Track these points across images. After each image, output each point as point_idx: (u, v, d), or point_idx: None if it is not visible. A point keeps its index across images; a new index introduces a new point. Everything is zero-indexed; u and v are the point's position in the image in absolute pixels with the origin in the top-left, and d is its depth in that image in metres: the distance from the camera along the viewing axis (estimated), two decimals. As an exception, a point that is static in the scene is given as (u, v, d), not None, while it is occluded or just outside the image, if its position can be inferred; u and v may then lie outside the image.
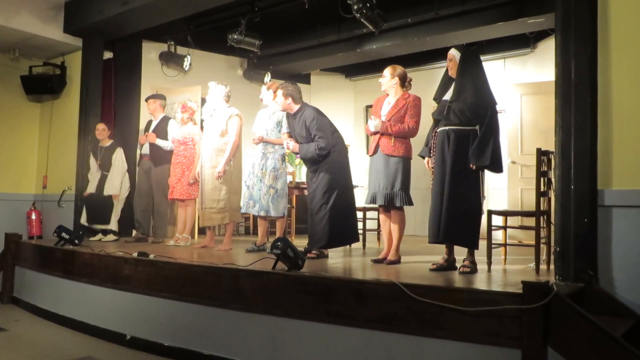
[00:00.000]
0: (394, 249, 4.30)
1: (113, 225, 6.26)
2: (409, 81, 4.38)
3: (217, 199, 5.30)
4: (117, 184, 6.25)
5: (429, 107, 4.37)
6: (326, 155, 4.55)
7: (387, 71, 4.36)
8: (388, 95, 4.39)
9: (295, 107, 4.70)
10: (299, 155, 4.86)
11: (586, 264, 3.30)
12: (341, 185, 4.58)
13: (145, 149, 6.18)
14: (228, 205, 5.31)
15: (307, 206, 4.74)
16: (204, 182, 5.36)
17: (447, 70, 3.99)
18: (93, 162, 6.40)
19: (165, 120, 6.18)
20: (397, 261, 4.27)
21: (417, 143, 4.28)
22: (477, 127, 3.74)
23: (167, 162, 6.02)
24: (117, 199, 6.25)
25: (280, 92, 4.69)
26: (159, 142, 6.05)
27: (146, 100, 6.35)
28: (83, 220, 6.35)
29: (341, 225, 4.54)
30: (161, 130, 6.10)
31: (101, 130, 6.34)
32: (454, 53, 3.89)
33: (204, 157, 5.39)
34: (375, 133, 4.32)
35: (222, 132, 5.31)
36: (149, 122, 6.32)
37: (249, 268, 3.81)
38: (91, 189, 6.29)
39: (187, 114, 5.91)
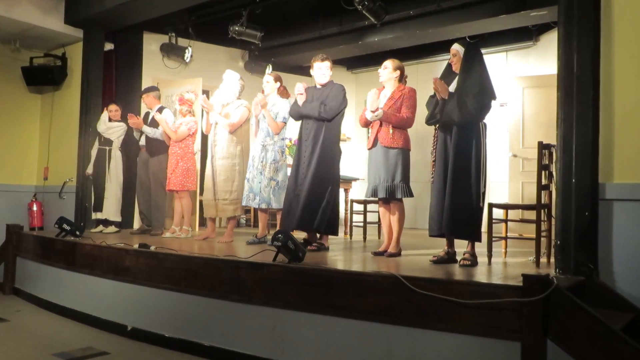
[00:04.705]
0: (394, 241, 4.30)
1: (116, 215, 6.25)
2: (405, 77, 4.44)
3: (230, 190, 5.32)
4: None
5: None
6: (328, 121, 4.58)
7: (389, 63, 4.38)
8: (384, 88, 4.41)
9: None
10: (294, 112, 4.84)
11: (586, 258, 3.30)
12: (332, 175, 4.64)
13: (143, 140, 6.18)
14: (241, 197, 5.32)
15: (290, 180, 4.74)
16: (216, 173, 5.37)
17: (448, 65, 3.99)
18: (96, 141, 6.35)
19: (160, 110, 6.16)
20: (398, 254, 4.28)
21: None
22: (479, 122, 3.74)
23: (162, 152, 6.03)
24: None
25: (328, 63, 4.70)
26: (145, 129, 6.04)
27: (141, 97, 6.39)
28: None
29: (332, 213, 4.59)
30: (155, 120, 6.10)
31: (114, 112, 6.29)
32: (457, 48, 3.88)
33: (215, 148, 5.39)
34: (369, 122, 4.33)
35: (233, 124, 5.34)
36: (147, 114, 6.32)
37: (249, 260, 3.82)
38: (89, 168, 6.31)
39: (186, 107, 5.89)
